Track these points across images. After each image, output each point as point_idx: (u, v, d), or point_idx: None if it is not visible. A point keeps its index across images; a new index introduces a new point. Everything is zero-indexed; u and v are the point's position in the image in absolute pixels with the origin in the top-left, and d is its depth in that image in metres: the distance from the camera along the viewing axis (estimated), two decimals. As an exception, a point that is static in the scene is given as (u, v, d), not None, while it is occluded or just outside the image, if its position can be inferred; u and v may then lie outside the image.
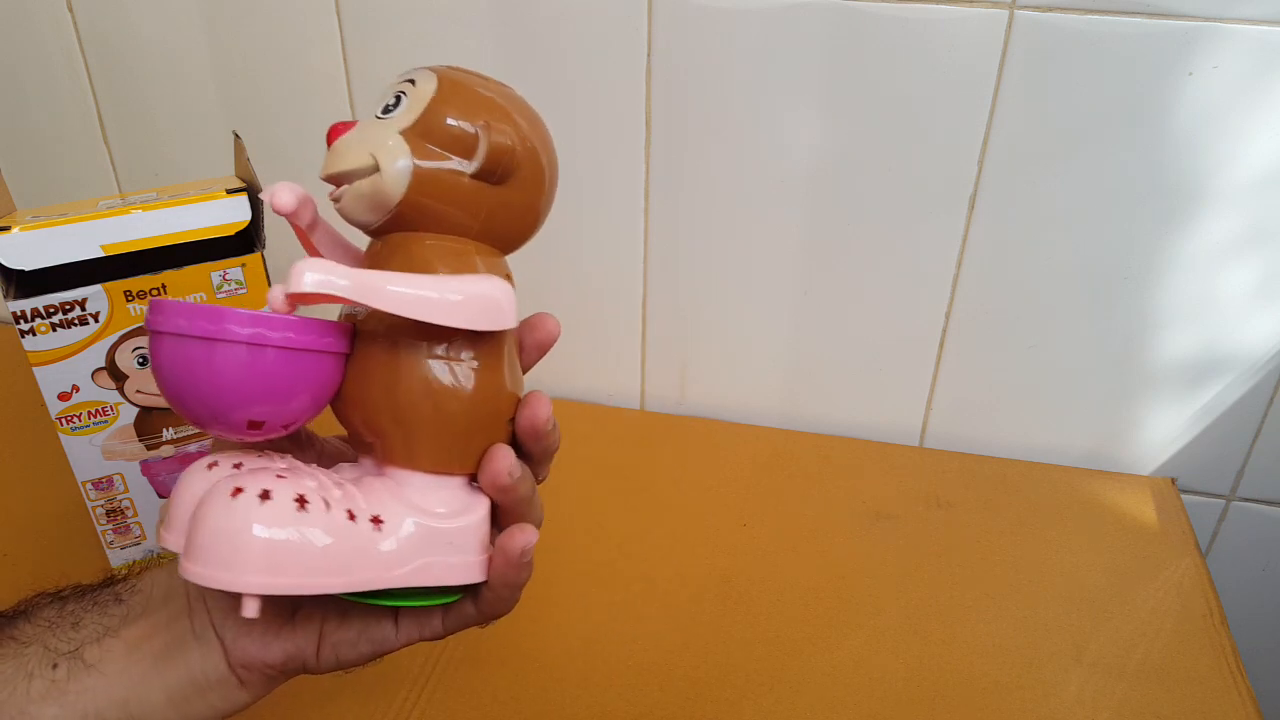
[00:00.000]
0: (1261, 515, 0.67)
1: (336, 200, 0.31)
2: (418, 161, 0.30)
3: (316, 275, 0.28)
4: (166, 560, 0.37)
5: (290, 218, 0.32)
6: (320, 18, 0.63)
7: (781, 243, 0.64)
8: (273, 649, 0.35)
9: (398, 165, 0.30)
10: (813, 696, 0.49)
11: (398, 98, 0.31)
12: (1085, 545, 0.60)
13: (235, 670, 0.35)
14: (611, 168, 0.64)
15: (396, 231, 0.32)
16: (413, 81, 0.31)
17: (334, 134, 0.31)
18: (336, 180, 0.31)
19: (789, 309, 0.67)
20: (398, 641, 0.36)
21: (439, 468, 0.32)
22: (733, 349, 0.70)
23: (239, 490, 0.28)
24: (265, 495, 0.28)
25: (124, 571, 0.36)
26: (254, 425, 0.30)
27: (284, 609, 0.35)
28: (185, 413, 0.30)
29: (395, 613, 0.36)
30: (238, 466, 0.31)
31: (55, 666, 0.32)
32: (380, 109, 0.31)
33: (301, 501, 0.28)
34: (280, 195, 0.31)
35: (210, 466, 0.31)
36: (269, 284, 0.50)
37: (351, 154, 0.30)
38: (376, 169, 0.30)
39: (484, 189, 0.31)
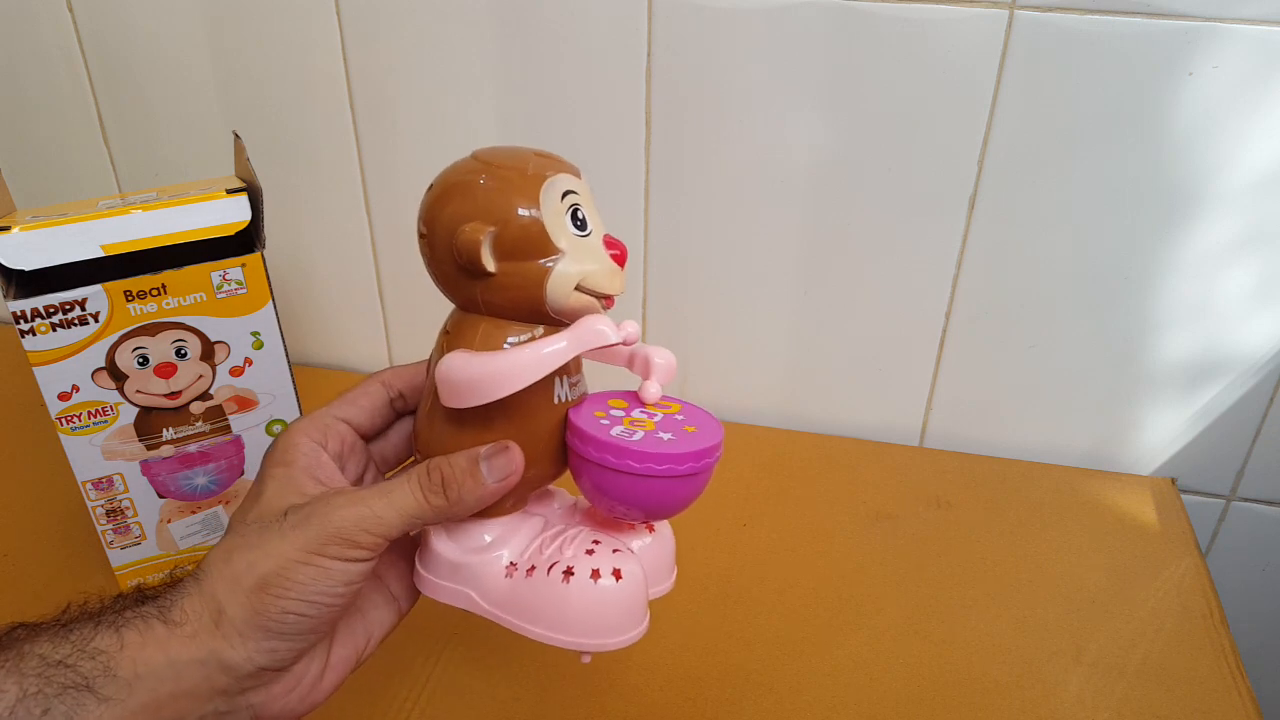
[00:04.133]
0: (1261, 515, 0.67)
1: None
2: None
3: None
4: (136, 628, 0.32)
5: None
6: (320, 18, 0.63)
7: (781, 243, 0.64)
8: (316, 701, 0.35)
9: None
10: (813, 696, 0.49)
11: (580, 214, 0.35)
12: (1085, 545, 0.60)
13: None
14: (611, 168, 0.64)
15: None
16: (575, 189, 0.34)
17: (626, 254, 0.35)
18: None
19: (789, 309, 0.67)
20: (401, 619, 0.39)
21: None
22: (733, 349, 0.70)
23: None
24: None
25: (74, 613, 0.32)
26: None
27: (323, 659, 0.36)
28: (644, 516, 0.37)
29: (398, 601, 0.39)
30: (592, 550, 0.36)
31: None
32: (579, 226, 0.35)
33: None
34: (633, 328, 0.35)
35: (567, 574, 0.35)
36: (269, 284, 0.50)
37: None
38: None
39: None
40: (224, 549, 0.33)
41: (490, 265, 0.32)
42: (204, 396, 0.51)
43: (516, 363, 0.32)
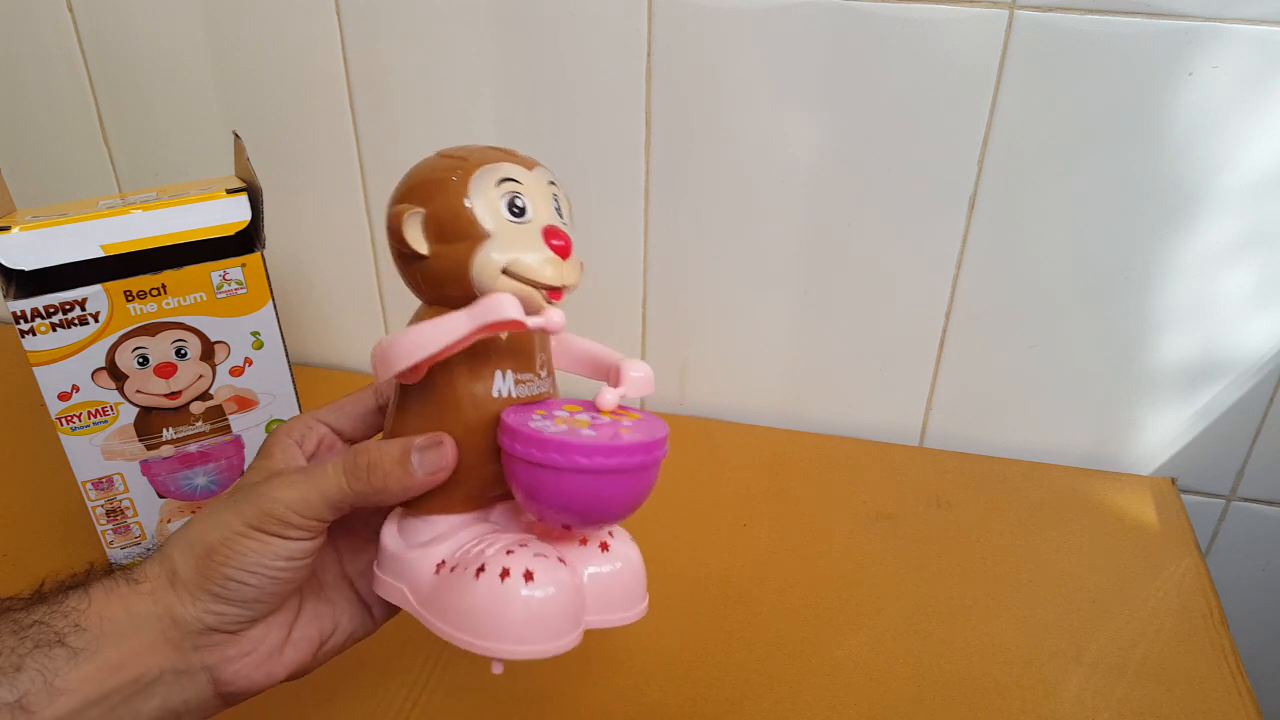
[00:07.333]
0: (1261, 515, 0.67)
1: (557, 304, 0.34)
2: None
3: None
4: (103, 586, 0.34)
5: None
6: (320, 18, 0.63)
7: (782, 243, 0.64)
8: (276, 674, 0.35)
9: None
10: (813, 696, 0.49)
11: (556, 199, 0.35)
12: (1085, 545, 0.60)
13: (223, 696, 0.35)
14: (611, 168, 0.64)
15: None
16: (554, 182, 0.35)
17: (570, 246, 0.34)
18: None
19: (789, 309, 0.67)
20: (375, 627, 0.39)
21: None
22: (733, 349, 0.70)
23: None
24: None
25: (49, 586, 0.34)
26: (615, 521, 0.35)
27: (283, 631, 0.36)
28: (572, 520, 0.34)
29: (370, 608, 0.39)
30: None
31: None
32: (555, 209, 0.34)
33: None
34: (558, 316, 0.34)
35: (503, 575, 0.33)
36: (269, 284, 0.50)
37: (577, 264, 0.34)
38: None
39: None
40: (188, 523, 0.35)
41: (420, 247, 0.33)
42: (204, 396, 0.51)
43: (416, 333, 0.33)
